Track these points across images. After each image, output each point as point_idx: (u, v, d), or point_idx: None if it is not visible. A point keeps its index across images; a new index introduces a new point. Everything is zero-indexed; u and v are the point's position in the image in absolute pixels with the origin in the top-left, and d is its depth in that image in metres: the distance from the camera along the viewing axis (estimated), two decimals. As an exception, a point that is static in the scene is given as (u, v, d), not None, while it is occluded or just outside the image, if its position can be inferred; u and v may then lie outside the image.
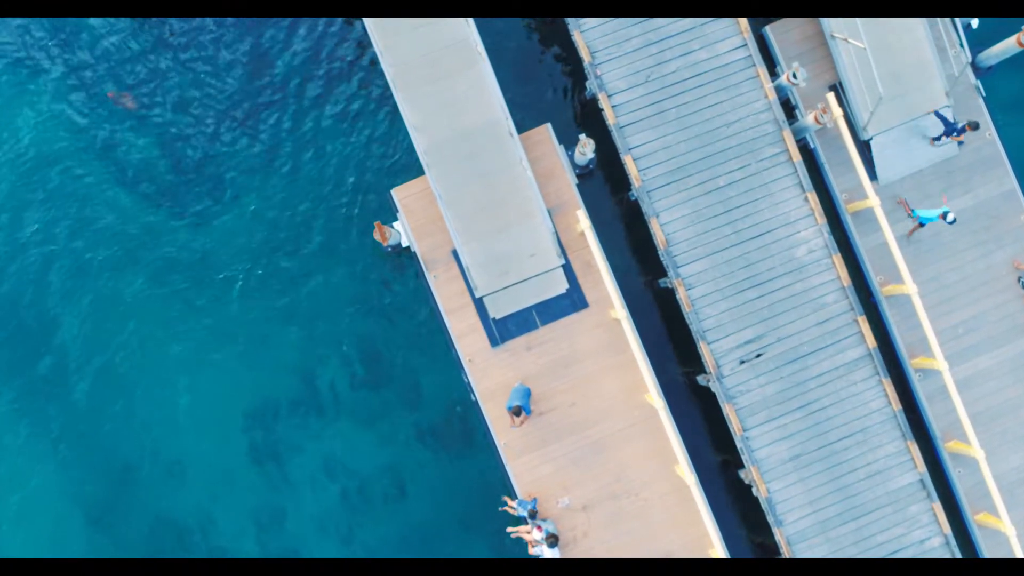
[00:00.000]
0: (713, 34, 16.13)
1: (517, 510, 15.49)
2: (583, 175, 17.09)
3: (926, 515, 15.92)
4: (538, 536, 15.00)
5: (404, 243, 16.25)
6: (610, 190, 17.62)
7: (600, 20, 16.08)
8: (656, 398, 14.93)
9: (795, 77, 15.23)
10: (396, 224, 16.25)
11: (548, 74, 17.95)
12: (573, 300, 15.78)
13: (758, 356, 15.93)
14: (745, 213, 16.05)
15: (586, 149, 15.98)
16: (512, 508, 15.63)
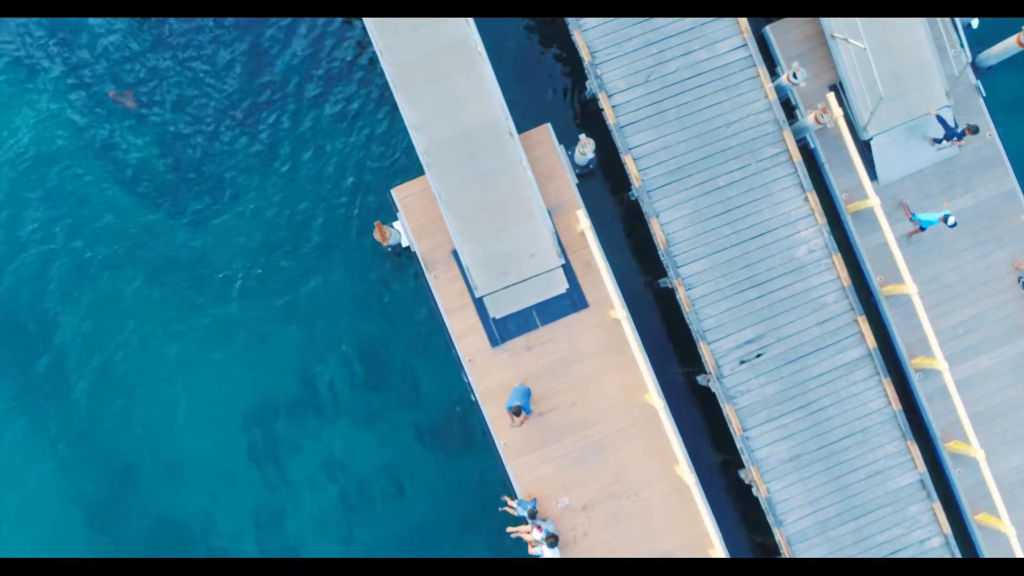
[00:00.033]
0: (713, 34, 16.12)
1: (517, 510, 15.48)
2: (583, 175, 17.07)
3: (926, 515, 15.93)
4: (538, 536, 14.99)
5: (404, 243, 16.23)
6: (610, 190, 17.61)
7: (600, 20, 16.06)
8: (656, 398, 14.93)
9: (795, 77, 15.23)
10: (396, 224, 16.23)
11: (548, 74, 17.93)
12: (573, 300, 15.78)
13: (758, 356, 15.93)
14: (745, 213, 16.05)
15: (586, 149, 15.97)
16: (512, 508, 15.62)
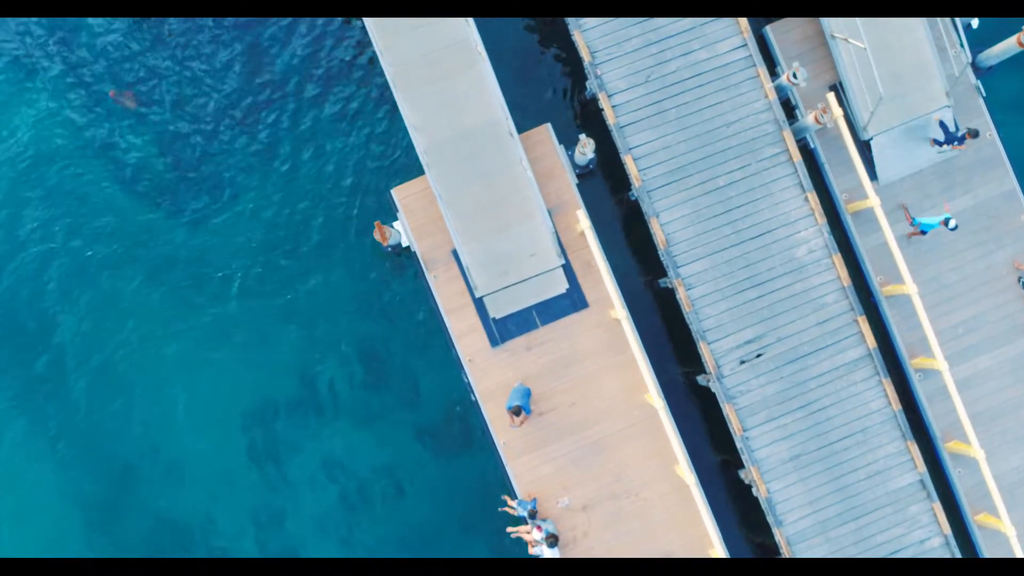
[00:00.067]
0: (713, 34, 16.11)
1: (517, 510, 15.47)
2: (583, 175, 17.06)
3: (926, 515, 15.93)
4: (538, 536, 14.99)
5: (404, 243, 16.22)
6: (610, 190, 17.60)
7: (600, 20, 16.05)
8: (656, 398, 14.92)
9: (795, 77, 15.21)
10: (396, 224, 16.22)
11: (548, 74, 17.91)
12: (573, 300, 15.77)
13: (758, 356, 15.93)
14: (745, 213, 16.05)
15: (586, 149, 15.96)
16: (512, 508, 15.62)
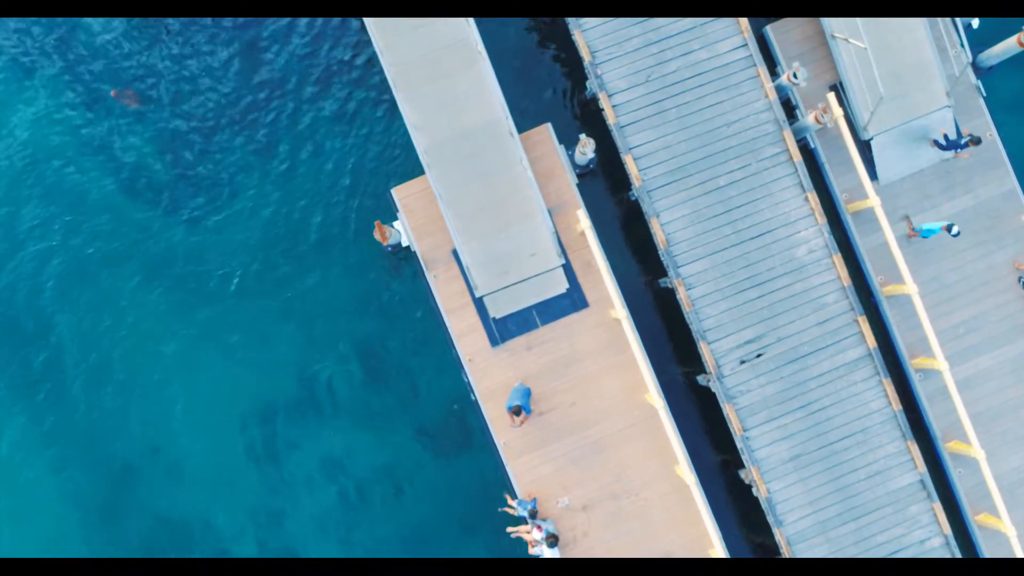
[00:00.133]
0: (713, 34, 16.10)
1: (517, 510, 15.46)
2: (583, 175, 17.05)
3: (926, 515, 15.92)
4: (538, 536, 14.98)
5: (404, 243, 16.21)
6: (610, 190, 17.58)
7: (600, 20, 16.04)
8: (656, 398, 14.91)
9: (795, 77, 15.21)
10: (396, 223, 16.21)
11: (548, 74, 17.90)
12: (573, 300, 15.76)
13: (758, 356, 15.92)
14: (745, 213, 16.04)
15: (586, 149, 15.95)
16: (512, 508, 15.60)
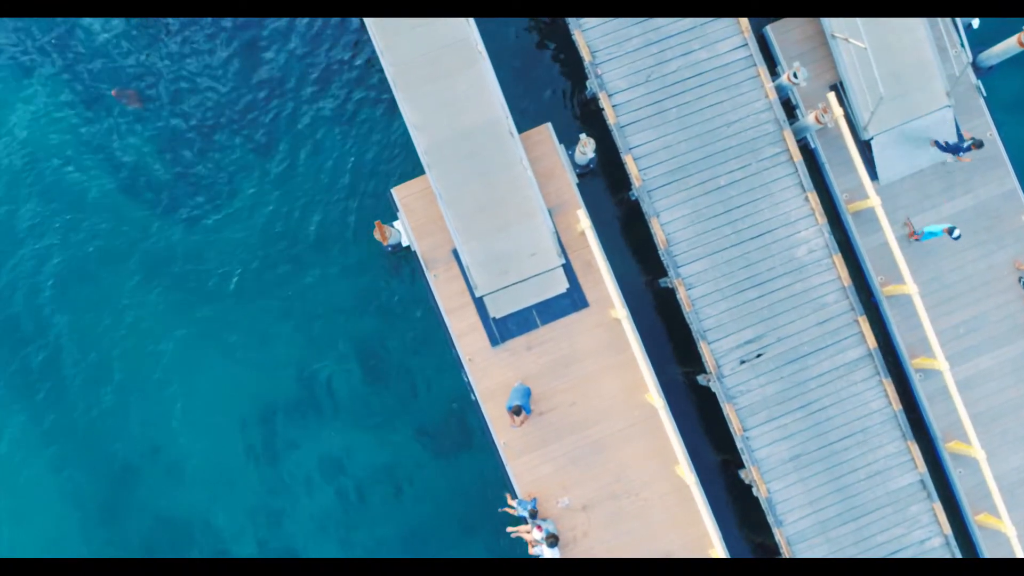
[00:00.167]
0: (714, 34, 16.10)
1: (517, 510, 15.46)
2: (583, 175, 17.05)
3: (926, 515, 15.91)
4: (538, 536, 14.97)
5: (404, 242, 16.21)
6: (610, 190, 17.59)
7: (600, 20, 16.04)
8: (656, 398, 14.91)
9: (796, 77, 15.21)
10: (396, 223, 16.21)
11: (548, 74, 17.90)
12: (573, 300, 15.75)
13: (758, 356, 15.91)
14: (745, 213, 16.03)
15: (586, 148, 15.95)
16: (512, 508, 15.60)
